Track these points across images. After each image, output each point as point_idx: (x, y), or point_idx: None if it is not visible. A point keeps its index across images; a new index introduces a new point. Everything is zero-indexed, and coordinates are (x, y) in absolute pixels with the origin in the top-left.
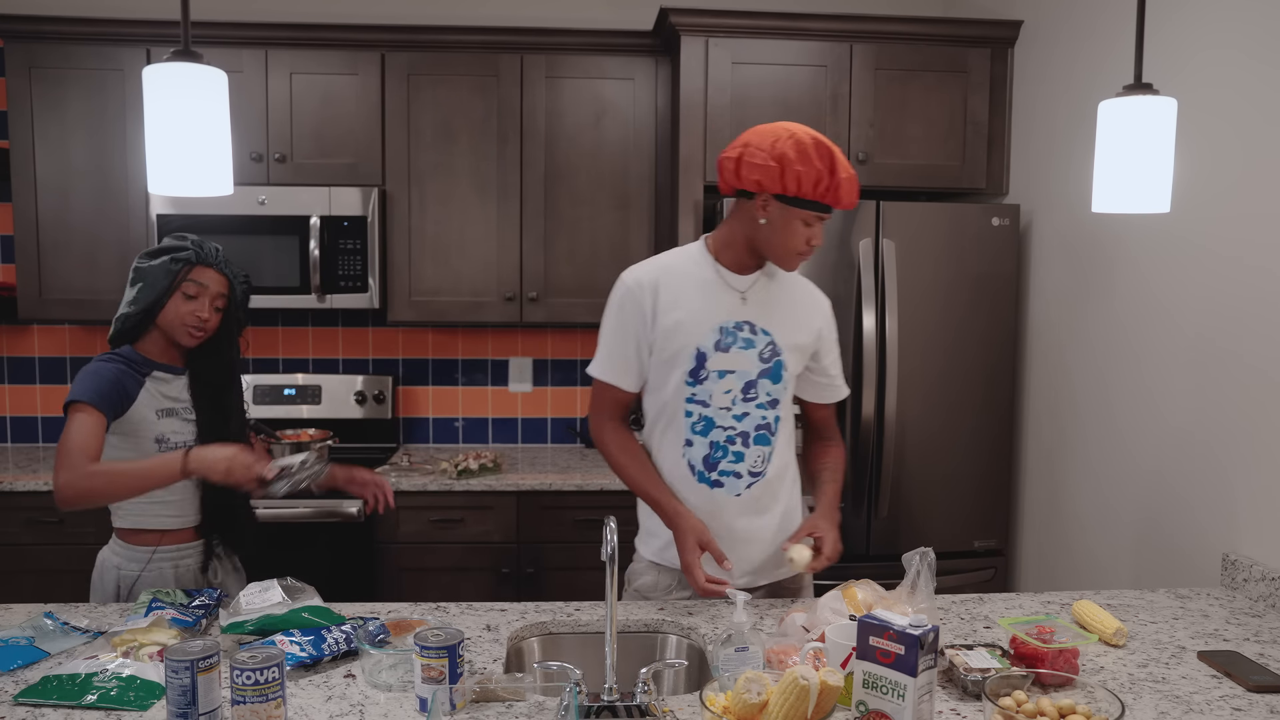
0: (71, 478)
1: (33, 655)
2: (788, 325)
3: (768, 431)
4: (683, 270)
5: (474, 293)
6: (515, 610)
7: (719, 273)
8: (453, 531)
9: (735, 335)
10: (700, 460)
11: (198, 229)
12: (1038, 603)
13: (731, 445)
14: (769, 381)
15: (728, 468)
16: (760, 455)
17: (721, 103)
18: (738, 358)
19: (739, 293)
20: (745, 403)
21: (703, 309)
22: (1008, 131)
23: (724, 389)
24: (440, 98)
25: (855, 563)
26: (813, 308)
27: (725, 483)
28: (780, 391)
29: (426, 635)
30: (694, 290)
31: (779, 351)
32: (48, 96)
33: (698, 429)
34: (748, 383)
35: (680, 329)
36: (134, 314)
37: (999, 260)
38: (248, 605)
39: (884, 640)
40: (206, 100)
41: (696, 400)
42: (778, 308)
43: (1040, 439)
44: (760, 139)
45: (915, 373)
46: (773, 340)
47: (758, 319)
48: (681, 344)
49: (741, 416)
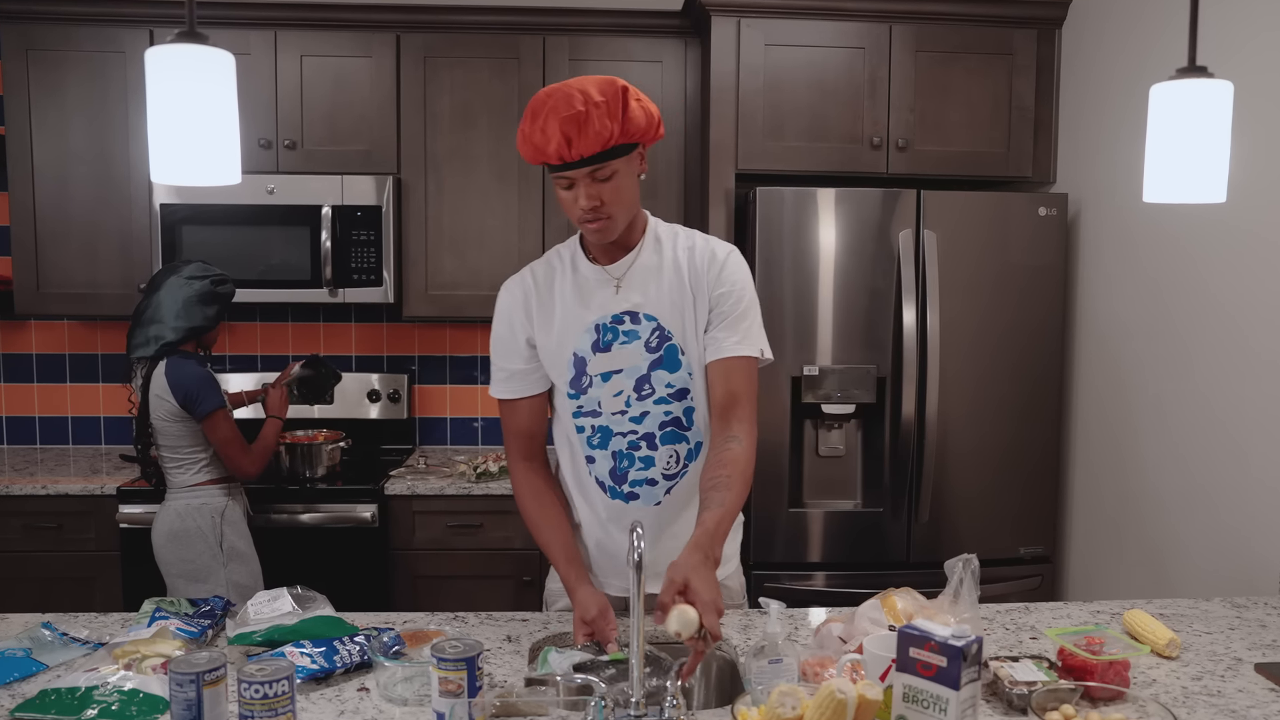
0: (253, 459)
1: (30, 667)
2: (674, 301)
3: (678, 427)
4: (556, 270)
5: (494, 286)
6: (537, 620)
7: (588, 267)
8: (471, 537)
9: (615, 330)
10: (608, 475)
11: (203, 219)
12: (1087, 612)
13: (636, 451)
14: (665, 372)
15: (639, 476)
16: (673, 455)
17: (754, 87)
18: (621, 354)
19: (613, 281)
20: (641, 401)
21: (575, 310)
22: (1055, 117)
23: (612, 392)
24: (458, 81)
25: (895, 570)
26: (701, 265)
27: (640, 493)
28: (684, 379)
29: (444, 646)
30: (565, 293)
31: (668, 335)
32: (46, 80)
33: (594, 442)
34: (639, 379)
35: (553, 338)
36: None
37: (1045, 252)
38: (256, 615)
39: (925, 652)
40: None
41: (585, 412)
42: (660, 285)
43: (1089, 440)
44: None
45: (958, 370)
46: (659, 325)
47: (638, 305)
48: (556, 354)
49: (640, 417)
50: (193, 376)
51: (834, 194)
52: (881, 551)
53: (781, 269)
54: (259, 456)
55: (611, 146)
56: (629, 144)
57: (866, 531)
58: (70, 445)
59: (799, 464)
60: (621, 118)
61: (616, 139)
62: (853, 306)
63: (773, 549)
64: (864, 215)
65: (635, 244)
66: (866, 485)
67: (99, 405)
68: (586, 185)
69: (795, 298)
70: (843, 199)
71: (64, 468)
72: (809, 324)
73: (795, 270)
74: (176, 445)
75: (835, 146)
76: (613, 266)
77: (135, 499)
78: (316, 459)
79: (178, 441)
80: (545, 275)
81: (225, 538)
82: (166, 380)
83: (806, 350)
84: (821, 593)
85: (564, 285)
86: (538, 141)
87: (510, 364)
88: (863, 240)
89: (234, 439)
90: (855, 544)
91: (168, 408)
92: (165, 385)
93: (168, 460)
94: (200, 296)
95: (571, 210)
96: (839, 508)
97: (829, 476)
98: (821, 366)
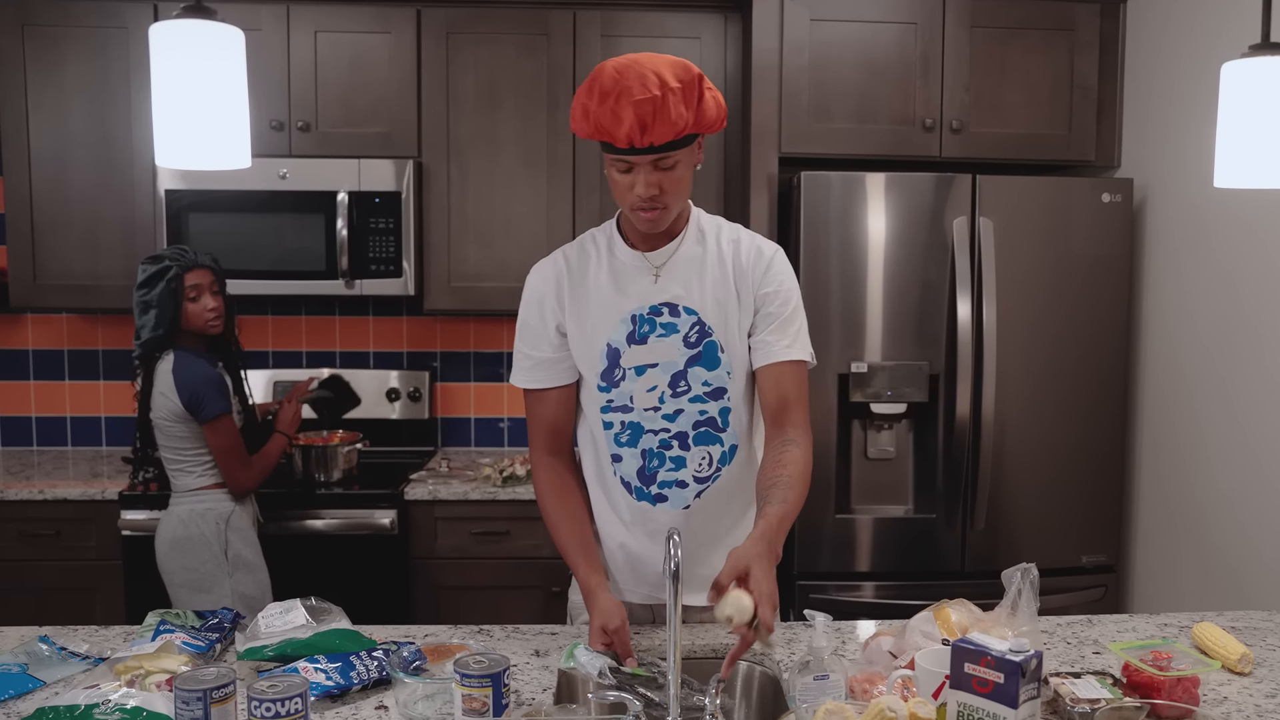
0: (250, 474)
1: (26, 684)
2: (716, 296)
3: (712, 428)
4: (590, 255)
5: (521, 278)
6: (567, 634)
7: (626, 252)
8: (497, 545)
9: (652, 322)
10: (635, 474)
11: (211, 205)
12: (1153, 625)
13: (668, 450)
14: (702, 369)
15: (668, 477)
16: (706, 456)
17: (798, 64)
18: (657, 348)
19: (652, 270)
20: (675, 398)
21: (610, 298)
22: (1119, 97)
23: (646, 386)
24: (483, 59)
25: (949, 581)
26: (747, 262)
27: (669, 495)
28: (721, 378)
29: (468, 662)
30: (600, 280)
31: (709, 331)
32: (43, 57)
33: (623, 440)
34: (675, 374)
35: (586, 327)
36: (160, 335)
37: (1109, 241)
38: (267, 628)
39: (981, 667)
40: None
41: (615, 406)
42: (702, 278)
43: (1156, 443)
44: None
45: (1016, 367)
46: (699, 319)
47: (678, 297)
48: (588, 344)
49: (674, 415)
50: (201, 378)
51: (884, 179)
52: (934, 560)
53: (827, 259)
54: (258, 471)
55: (683, 136)
56: (696, 134)
57: (918, 539)
58: (69, 447)
59: (846, 467)
60: (696, 107)
61: (689, 128)
62: (903, 299)
63: (818, 558)
64: (916, 202)
65: (678, 232)
66: (918, 490)
67: (99, 404)
68: (648, 173)
69: (842, 290)
70: (893, 184)
71: (62, 471)
72: (857, 318)
73: (842, 260)
74: (178, 447)
75: (885, 128)
76: (653, 254)
77: (138, 504)
78: (332, 461)
79: (179, 443)
80: (579, 259)
81: (231, 546)
82: (173, 379)
83: (854, 346)
84: (870, 604)
85: (599, 271)
86: (605, 123)
87: (538, 351)
88: (914, 228)
89: (234, 448)
90: (906, 552)
91: (171, 407)
92: (171, 384)
93: (170, 463)
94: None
95: (624, 195)
96: (889, 514)
97: (878, 480)
98: (870, 363)
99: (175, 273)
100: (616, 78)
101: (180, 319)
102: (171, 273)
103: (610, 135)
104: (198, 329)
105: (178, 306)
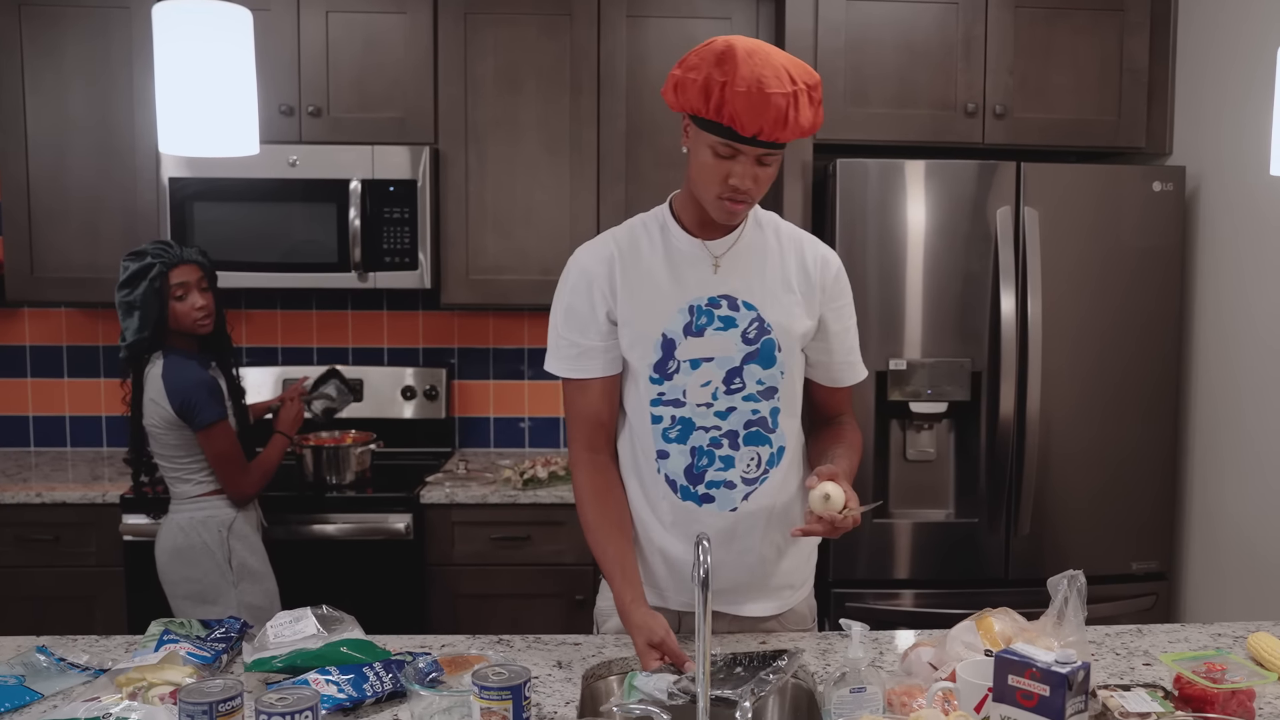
0: (250, 480)
1: (23, 697)
2: (777, 294)
3: (763, 428)
4: (643, 240)
5: (543, 270)
6: (591, 644)
7: (683, 238)
8: (518, 551)
9: (710, 314)
10: (681, 472)
11: (217, 194)
12: (1207, 635)
13: (717, 449)
14: (758, 367)
15: (716, 477)
16: (755, 457)
17: (834, 46)
18: (714, 341)
19: (712, 259)
20: (729, 395)
21: (667, 286)
22: (1171, 80)
23: (700, 381)
24: (503, 40)
25: (991, 588)
26: (811, 268)
27: (716, 496)
28: (775, 378)
29: (486, 674)
30: (656, 266)
31: (768, 329)
32: (41, 39)
33: (672, 435)
34: (730, 370)
35: (640, 315)
36: (145, 338)
37: (1160, 232)
38: (276, 638)
39: (1025, 680)
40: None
41: (666, 400)
42: (764, 273)
43: (1210, 443)
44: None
45: (1062, 365)
46: (758, 315)
47: (738, 290)
48: (642, 333)
49: (726, 413)
50: (192, 383)
51: (923, 166)
52: (976, 567)
53: (864, 250)
54: (258, 476)
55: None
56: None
57: (960, 545)
58: (68, 448)
59: (884, 469)
60: (816, 112)
61: (808, 131)
62: (944, 293)
63: (855, 565)
64: (957, 190)
65: (738, 223)
66: (960, 493)
67: (100, 403)
68: (750, 165)
69: (880, 283)
70: (933, 172)
71: (61, 473)
72: (895, 312)
73: (880, 252)
74: (173, 455)
75: (925, 114)
76: (713, 243)
77: (140, 509)
78: (344, 463)
79: (174, 450)
80: (630, 244)
81: (234, 554)
82: (163, 384)
83: (893, 342)
84: (909, 613)
85: (654, 256)
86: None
87: (584, 339)
88: (955, 218)
89: (231, 455)
90: (947, 559)
91: (162, 414)
92: (161, 389)
93: (166, 470)
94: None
95: (711, 182)
96: (929, 518)
97: (918, 483)
98: (909, 360)
99: (159, 270)
100: (750, 64)
101: (167, 319)
102: (155, 270)
103: (738, 121)
104: (186, 329)
105: (163, 306)
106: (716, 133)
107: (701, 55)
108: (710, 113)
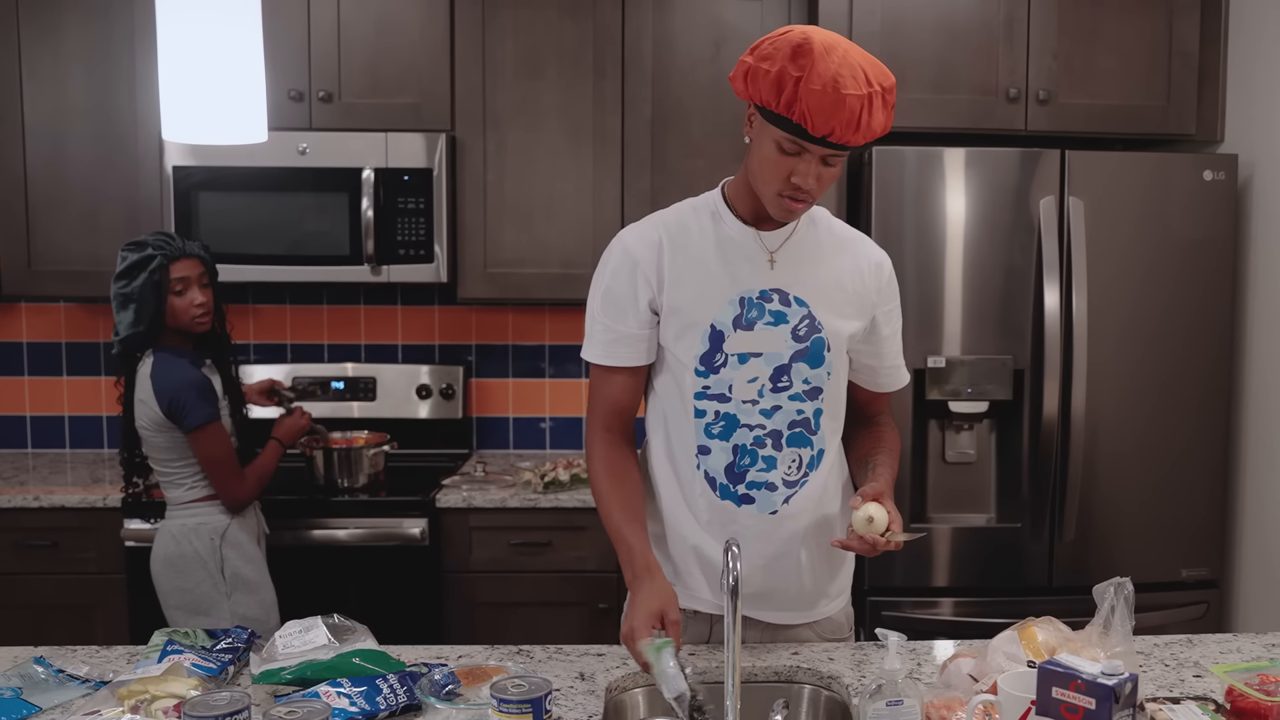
0: (245, 485)
1: (20, 710)
2: (830, 293)
3: (805, 429)
4: (693, 227)
5: (564, 263)
6: (615, 655)
7: (737, 227)
8: (538, 558)
9: (761, 308)
10: (723, 470)
11: (223, 184)
12: (1260, 645)
13: (760, 448)
14: (806, 366)
15: (758, 478)
16: (796, 459)
17: (870, 29)
18: (763, 336)
19: (766, 252)
20: (775, 394)
21: (719, 276)
22: (1223, 65)
23: (747, 377)
24: (523, 23)
25: (1034, 597)
26: (865, 269)
27: (756, 497)
28: (821, 378)
29: (506, 686)
30: (707, 252)
31: (818, 327)
32: (39, 20)
33: (715, 431)
34: (778, 368)
35: (689, 304)
36: (140, 332)
37: (1212, 223)
38: (285, 649)
39: (1070, 692)
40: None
41: (711, 394)
42: (817, 270)
43: (1265, 445)
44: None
45: (1109, 362)
46: (810, 313)
47: (791, 286)
48: (690, 322)
49: (771, 411)
50: (182, 382)
51: (963, 154)
52: (1019, 574)
53: (901, 242)
54: (253, 482)
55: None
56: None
57: (1001, 551)
58: (67, 449)
59: (922, 471)
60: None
61: (879, 135)
62: (985, 287)
63: (891, 572)
64: (998, 179)
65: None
66: (1001, 497)
67: (100, 402)
68: (817, 165)
69: (918, 276)
70: (974, 160)
71: (60, 475)
72: (934, 307)
73: (918, 244)
74: (165, 458)
75: (965, 99)
76: (767, 235)
77: (137, 513)
78: (357, 465)
79: (165, 453)
80: (680, 229)
81: (227, 563)
82: (151, 384)
83: (931, 339)
84: (948, 623)
85: (704, 243)
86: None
87: (623, 325)
88: (997, 209)
89: (224, 458)
90: (988, 565)
91: (151, 415)
92: (150, 390)
93: (159, 474)
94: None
95: (774, 178)
96: (969, 523)
97: (957, 486)
98: (949, 358)
99: (160, 263)
100: (827, 61)
101: (164, 315)
102: (155, 262)
103: (809, 120)
104: (183, 326)
105: (161, 301)
106: (784, 128)
107: (776, 45)
108: (781, 107)
